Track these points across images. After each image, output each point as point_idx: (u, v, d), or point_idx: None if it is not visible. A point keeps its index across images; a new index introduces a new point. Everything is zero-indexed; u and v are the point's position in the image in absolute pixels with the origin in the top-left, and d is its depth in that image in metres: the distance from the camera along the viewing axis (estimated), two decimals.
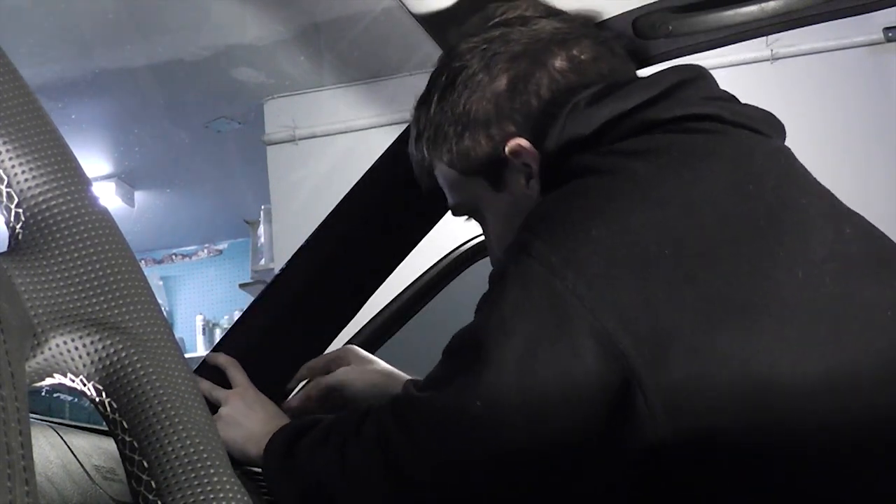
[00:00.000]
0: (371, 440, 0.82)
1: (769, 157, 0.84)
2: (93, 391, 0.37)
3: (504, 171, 0.94)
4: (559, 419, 0.73)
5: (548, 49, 0.92)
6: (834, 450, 0.72)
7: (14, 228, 0.38)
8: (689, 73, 0.90)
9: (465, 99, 0.93)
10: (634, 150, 0.82)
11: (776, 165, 0.83)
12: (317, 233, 1.25)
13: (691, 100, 0.87)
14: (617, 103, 0.86)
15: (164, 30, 3.03)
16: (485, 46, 0.93)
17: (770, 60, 2.87)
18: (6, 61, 0.38)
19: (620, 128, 0.85)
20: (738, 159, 0.81)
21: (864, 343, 0.74)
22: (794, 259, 0.76)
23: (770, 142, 0.87)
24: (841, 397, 0.72)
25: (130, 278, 0.38)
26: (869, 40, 2.79)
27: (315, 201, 2.82)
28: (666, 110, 0.84)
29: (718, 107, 0.87)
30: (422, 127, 0.99)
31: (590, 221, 0.76)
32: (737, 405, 0.72)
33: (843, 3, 1.05)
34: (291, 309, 1.23)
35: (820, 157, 2.86)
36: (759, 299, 0.73)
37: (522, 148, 0.91)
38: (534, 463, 0.75)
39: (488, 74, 0.92)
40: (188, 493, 0.34)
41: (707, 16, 1.10)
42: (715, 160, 0.80)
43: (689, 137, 0.83)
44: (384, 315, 1.44)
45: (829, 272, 0.76)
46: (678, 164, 0.79)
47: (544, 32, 0.93)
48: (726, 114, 0.85)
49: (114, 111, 3.70)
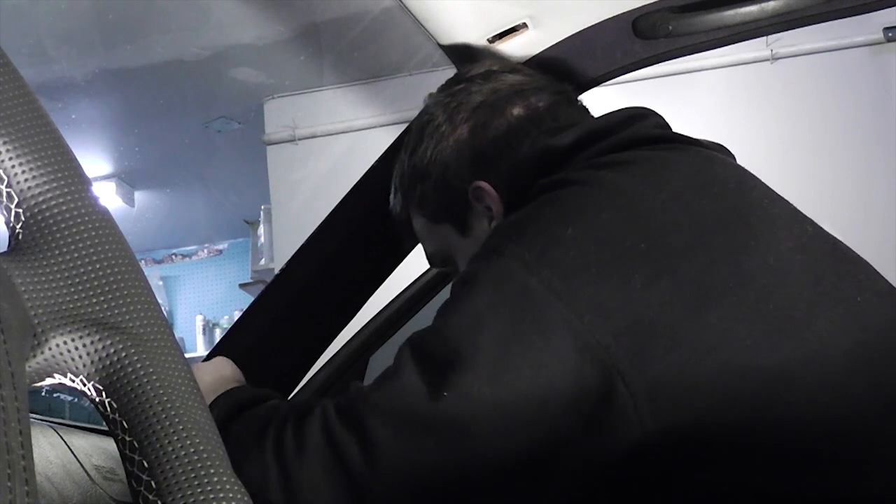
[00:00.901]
0: (315, 451, 0.74)
1: (727, 166, 0.87)
2: (93, 391, 0.37)
3: (469, 215, 0.98)
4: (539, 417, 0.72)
5: (507, 99, 0.97)
6: (813, 433, 0.73)
7: (14, 228, 0.38)
8: (641, 110, 0.95)
9: (431, 149, 0.99)
10: (599, 164, 0.84)
11: (735, 173, 0.87)
12: (317, 233, 1.25)
13: (648, 127, 0.92)
14: (577, 132, 0.89)
15: (164, 30, 3.03)
16: (448, 100, 1.00)
17: (770, 60, 2.87)
18: (6, 61, 0.38)
19: (582, 154, 0.87)
20: (699, 167, 0.84)
21: (838, 328, 0.76)
22: (766, 248, 0.78)
23: (725, 157, 0.91)
24: (818, 381, 0.73)
25: (130, 278, 0.38)
26: (869, 40, 2.79)
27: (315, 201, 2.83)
28: (627, 135, 0.88)
29: (671, 133, 0.92)
30: (397, 182, 1.05)
31: (561, 223, 0.77)
32: (720, 391, 0.72)
33: (843, 3, 1.06)
34: (291, 309, 1.23)
35: (820, 157, 2.88)
36: (736, 287, 0.74)
37: (483, 191, 0.95)
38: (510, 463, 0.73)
39: (451, 125, 0.98)
40: (188, 493, 0.34)
41: (707, 16, 1.10)
42: (678, 167, 0.83)
43: (651, 153, 0.85)
44: (384, 315, 1.44)
45: (798, 262, 0.78)
46: (644, 171, 0.82)
47: (504, 85, 0.99)
48: (680, 136, 0.91)
49: (114, 111, 3.70)
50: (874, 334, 0.77)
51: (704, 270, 0.75)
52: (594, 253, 0.74)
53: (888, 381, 0.75)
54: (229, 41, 3.12)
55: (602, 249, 0.75)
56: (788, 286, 0.76)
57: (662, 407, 0.71)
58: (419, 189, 1.01)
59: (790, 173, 2.74)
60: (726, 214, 0.79)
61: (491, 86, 0.99)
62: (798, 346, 0.74)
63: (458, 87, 1.00)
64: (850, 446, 0.73)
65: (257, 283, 4.14)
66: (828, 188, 2.74)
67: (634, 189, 0.79)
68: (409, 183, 1.02)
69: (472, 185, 0.96)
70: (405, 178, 1.03)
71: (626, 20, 1.12)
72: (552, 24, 1.14)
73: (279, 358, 1.25)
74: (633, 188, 0.79)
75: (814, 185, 2.74)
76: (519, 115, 0.96)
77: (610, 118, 0.92)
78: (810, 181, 2.74)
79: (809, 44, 2.81)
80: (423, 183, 1.00)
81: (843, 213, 2.66)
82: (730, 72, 2.90)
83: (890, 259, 2.49)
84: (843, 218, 2.64)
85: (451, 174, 0.98)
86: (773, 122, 2.81)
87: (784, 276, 0.76)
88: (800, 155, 2.79)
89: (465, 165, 0.97)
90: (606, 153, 0.86)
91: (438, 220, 1.01)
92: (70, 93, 3.41)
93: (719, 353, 0.72)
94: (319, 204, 1.53)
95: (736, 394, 0.72)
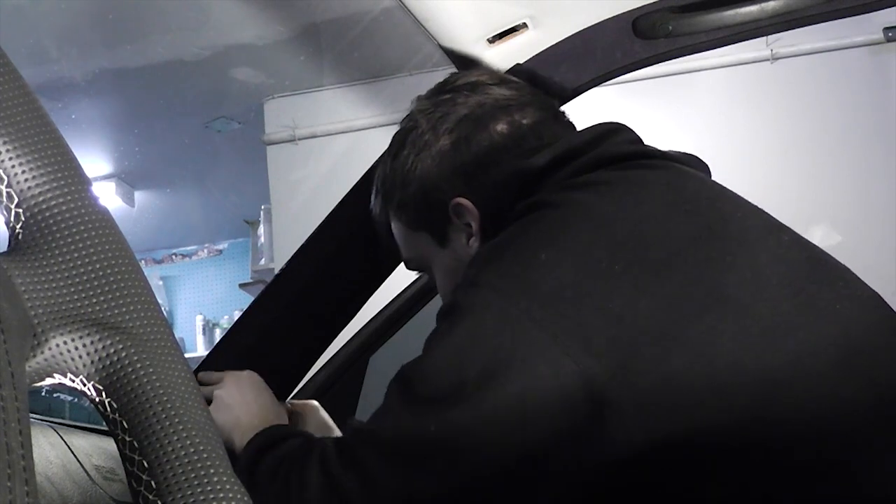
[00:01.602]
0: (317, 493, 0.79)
1: (698, 182, 0.88)
2: (93, 391, 0.37)
3: (447, 227, 0.99)
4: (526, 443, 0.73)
5: (491, 114, 0.97)
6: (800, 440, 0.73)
7: (14, 228, 0.38)
8: (612, 126, 0.95)
9: (413, 157, 0.99)
10: (573, 185, 0.85)
11: (706, 188, 0.87)
12: (317, 233, 1.25)
13: (620, 144, 0.92)
14: (551, 152, 0.90)
15: (164, 30, 3.03)
16: (433, 109, 1.00)
17: (770, 60, 2.87)
18: (6, 61, 0.38)
19: (558, 174, 0.88)
20: (670, 185, 0.85)
21: (820, 337, 0.76)
22: (742, 263, 0.78)
23: (696, 172, 0.91)
24: (803, 388, 0.74)
25: (130, 278, 0.38)
26: (869, 40, 2.79)
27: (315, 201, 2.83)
28: (599, 154, 0.89)
29: (644, 148, 0.92)
30: (378, 184, 1.05)
31: (536, 247, 0.78)
32: (705, 405, 0.72)
33: (843, 3, 1.06)
34: (291, 309, 1.23)
35: (820, 157, 2.88)
36: (715, 303, 0.75)
37: (463, 207, 0.96)
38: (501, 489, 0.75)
39: (434, 135, 0.98)
40: (188, 493, 0.34)
41: (707, 16, 1.10)
42: (650, 187, 0.84)
43: (622, 173, 0.86)
44: (384, 315, 1.44)
45: (776, 274, 0.79)
46: (617, 192, 0.83)
47: (490, 98, 0.99)
48: (652, 151, 0.91)
49: (114, 111, 3.70)
50: (855, 340, 0.77)
51: (683, 287, 0.75)
52: (571, 276, 0.75)
53: (872, 385, 0.76)
54: (229, 41, 3.12)
55: (579, 271, 0.75)
56: (767, 300, 0.76)
57: (650, 421, 0.72)
58: (399, 195, 1.01)
59: (790, 173, 2.74)
60: (701, 231, 0.80)
61: (477, 99, 0.98)
62: (781, 356, 0.74)
63: (443, 98, 1.00)
64: (837, 450, 0.74)
65: (257, 283, 4.14)
66: (828, 188, 2.74)
67: (609, 210, 0.80)
68: (389, 187, 1.03)
69: (453, 201, 0.96)
70: (386, 182, 1.03)
71: (626, 20, 1.12)
72: (552, 24, 1.14)
73: (279, 358, 1.25)
74: (608, 209, 0.80)
75: (814, 185, 2.74)
76: (502, 131, 0.96)
77: (582, 136, 0.92)
78: (810, 181, 2.74)
79: (809, 44, 2.81)
80: (403, 190, 1.01)
81: (843, 213, 2.66)
82: (730, 72, 2.90)
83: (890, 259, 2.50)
84: (842, 218, 2.65)
85: (431, 186, 0.98)
86: (773, 122, 2.81)
87: (762, 290, 0.77)
88: (800, 155, 2.79)
89: (446, 179, 0.97)
90: (580, 173, 0.87)
91: (417, 227, 1.02)
92: (70, 93, 3.41)
93: (703, 367, 0.72)
94: (319, 204, 1.53)
95: (722, 406, 0.73)
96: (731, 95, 2.90)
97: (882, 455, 0.74)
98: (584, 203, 0.81)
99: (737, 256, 0.78)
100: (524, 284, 0.75)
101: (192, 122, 3.80)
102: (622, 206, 0.80)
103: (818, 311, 0.77)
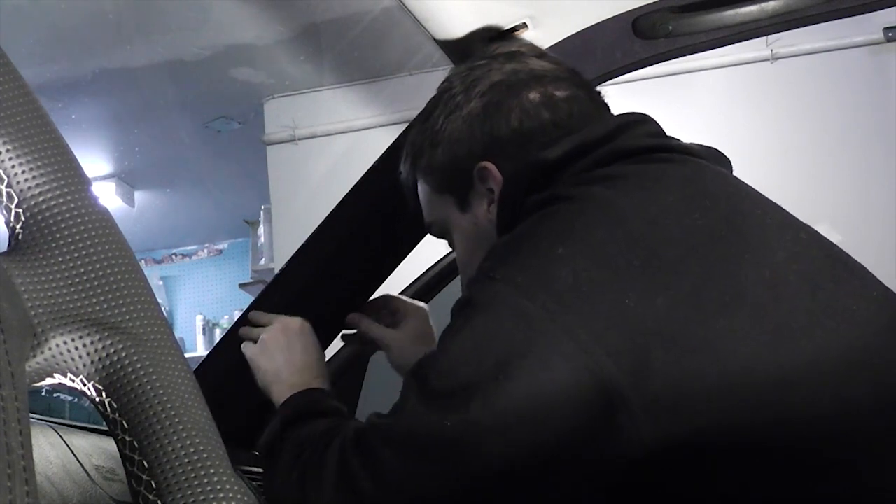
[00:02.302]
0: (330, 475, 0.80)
1: (717, 177, 0.87)
2: (93, 391, 0.37)
3: (470, 192, 0.98)
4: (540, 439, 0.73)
5: (525, 82, 0.97)
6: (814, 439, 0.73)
7: (14, 228, 0.38)
8: (634, 116, 0.95)
9: (444, 118, 0.99)
10: (590, 179, 0.85)
11: (725, 183, 0.87)
12: (317, 233, 1.25)
13: (639, 136, 0.91)
14: (567, 144, 0.89)
15: (164, 30, 3.02)
16: (468, 73, 1.00)
17: (770, 60, 2.87)
18: (6, 61, 0.38)
19: (574, 166, 0.88)
20: (688, 180, 0.84)
21: (836, 335, 0.76)
22: (760, 261, 0.78)
23: (715, 167, 0.91)
24: (818, 388, 0.74)
25: (130, 278, 0.38)
26: (869, 40, 2.79)
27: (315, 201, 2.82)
28: (616, 147, 0.88)
29: (664, 141, 0.92)
30: (409, 145, 1.05)
31: (554, 241, 0.77)
32: (719, 404, 0.72)
33: (843, 3, 1.06)
34: (291, 309, 1.23)
35: (820, 157, 2.87)
36: (732, 299, 0.75)
37: (488, 172, 0.95)
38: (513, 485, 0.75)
39: (466, 97, 0.98)
40: (188, 493, 0.34)
41: (707, 16, 1.10)
42: (668, 182, 0.83)
43: (641, 167, 0.86)
44: None
45: (794, 272, 0.78)
46: (634, 186, 0.82)
47: (526, 68, 0.98)
48: (672, 145, 0.90)
49: (114, 111, 3.70)
50: (871, 341, 0.77)
51: (700, 284, 0.75)
52: (587, 271, 0.74)
53: (887, 387, 0.75)
54: (229, 41, 3.12)
55: (595, 267, 0.75)
56: (785, 298, 0.76)
57: (662, 421, 0.71)
58: (427, 156, 1.01)
59: (790, 173, 2.74)
60: (719, 227, 0.79)
61: (512, 66, 0.98)
62: (797, 356, 0.74)
63: (480, 63, 1.01)
64: (850, 451, 0.74)
65: (257, 283, 4.13)
66: (828, 188, 2.73)
67: (626, 204, 0.79)
68: (418, 149, 1.03)
69: (479, 164, 0.96)
70: (416, 144, 1.03)
71: (626, 20, 1.12)
72: (552, 24, 1.14)
73: None
74: (625, 204, 0.79)
75: (813, 185, 2.74)
76: (534, 100, 0.96)
77: (601, 127, 0.91)
78: (810, 181, 2.74)
79: (809, 44, 2.81)
80: (431, 150, 1.00)
81: (843, 214, 2.66)
82: (730, 72, 2.90)
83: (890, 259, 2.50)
84: (842, 218, 2.64)
85: (459, 148, 0.98)
86: (773, 122, 2.81)
87: (780, 288, 0.76)
88: (800, 155, 2.79)
89: (475, 142, 0.97)
90: (596, 166, 0.87)
91: (441, 190, 1.01)
92: (70, 93, 3.41)
93: (718, 366, 0.72)
94: (319, 204, 1.53)
95: (735, 405, 0.72)
96: (731, 95, 2.89)
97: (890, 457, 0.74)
98: (601, 197, 0.81)
99: (755, 254, 0.78)
100: (540, 279, 0.75)
101: (193, 122, 3.80)
102: (639, 201, 0.80)
103: (835, 311, 0.77)
